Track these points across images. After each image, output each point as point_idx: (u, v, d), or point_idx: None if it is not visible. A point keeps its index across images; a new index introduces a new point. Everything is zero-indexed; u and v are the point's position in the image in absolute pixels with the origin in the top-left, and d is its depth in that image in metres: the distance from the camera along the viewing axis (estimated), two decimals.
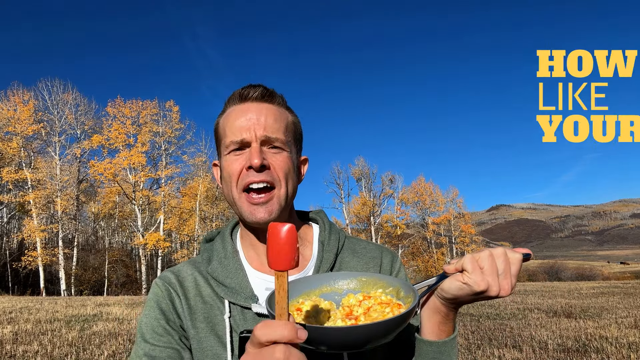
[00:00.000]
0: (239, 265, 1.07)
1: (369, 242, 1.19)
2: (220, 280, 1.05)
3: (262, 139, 1.01)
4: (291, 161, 1.04)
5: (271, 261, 0.68)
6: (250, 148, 1.01)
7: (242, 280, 1.04)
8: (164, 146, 35.94)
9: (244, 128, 1.01)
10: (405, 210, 47.82)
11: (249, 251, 1.10)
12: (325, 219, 1.18)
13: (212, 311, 1.04)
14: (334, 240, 1.12)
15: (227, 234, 1.14)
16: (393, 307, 0.84)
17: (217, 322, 1.03)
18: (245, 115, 1.02)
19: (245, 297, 1.02)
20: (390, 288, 0.90)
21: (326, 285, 0.94)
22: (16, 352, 7.04)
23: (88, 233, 48.43)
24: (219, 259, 1.09)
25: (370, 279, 0.93)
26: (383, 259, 1.14)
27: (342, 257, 1.12)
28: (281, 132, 1.03)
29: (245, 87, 1.06)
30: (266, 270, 1.07)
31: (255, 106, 1.04)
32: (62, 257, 32.09)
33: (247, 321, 1.01)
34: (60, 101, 34.08)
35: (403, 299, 0.87)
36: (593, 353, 6.58)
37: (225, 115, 1.06)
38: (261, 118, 1.02)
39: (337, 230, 1.16)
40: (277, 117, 1.04)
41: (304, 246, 1.12)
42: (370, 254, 1.14)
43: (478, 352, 6.90)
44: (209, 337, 1.02)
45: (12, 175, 31.35)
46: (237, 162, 1.01)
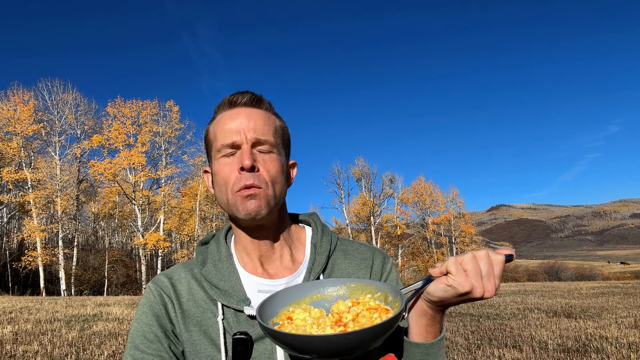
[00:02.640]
0: (232, 268, 1.09)
1: (362, 243, 1.21)
2: (214, 282, 1.07)
3: (253, 141, 1.03)
4: (280, 164, 1.06)
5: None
6: (241, 150, 1.03)
7: (236, 283, 1.06)
8: (164, 146, 35.95)
9: (234, 131, 1.04)
10: (405, 210, 47.84)
11: (242, 254, 1.12)
12: (317, 221, 1.20)
13: (205, 314, 1.06)
14: (326, 243, 1.14)
15: (222, 238, 1.16)
16: (381, 312, 0.85)
17: (211, 324, 1.04)
18: (235, 119, 1.05)
19: (238, 300, 1.04)
20: (379, 293, 0.91)
21: (316, 292, 0.95)
22: (16, 352, 7.04)
23: (88, 233, 48.45)
24: (213, 262, 1.11)
25: (358, 285, 0.94)
26: (374, 260, 1.16)
27: (334, 258, 1.14)
28: (270, 134, 1.05)
29: (234, 94, 1.09)
30: (258, 273, 1.09)
31: (245, 111, 1.07)
32: (62, 257, 32.08)
33: (241, 323, 1.03)
34: (60, 101, 34.11)
35: (391, 303, 0.87)
36: (593, 353, 6.58)
37: (216, 121, 1.09)
38: (251, 122, 1.04)
39: (329, 232, 1.17)
40: (266, 120, 1.07)
41: (296, 249, 1.15)
42: (362, 255, 1.16)
43: (478, 352, 6.90)
44: (203, 340, 1.04)
45: (12, 175, 31.35)
46: (229, 165, 1.04)
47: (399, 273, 1.42)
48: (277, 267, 1.10)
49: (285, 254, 1.12)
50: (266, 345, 1.02)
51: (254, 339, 1.02)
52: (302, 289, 0.95)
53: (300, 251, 1.15)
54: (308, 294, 0.94)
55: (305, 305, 0.92)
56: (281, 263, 1.11)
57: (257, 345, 1.02)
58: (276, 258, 1.11)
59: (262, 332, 0.84)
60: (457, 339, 8.04)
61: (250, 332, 1.01)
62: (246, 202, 1.01)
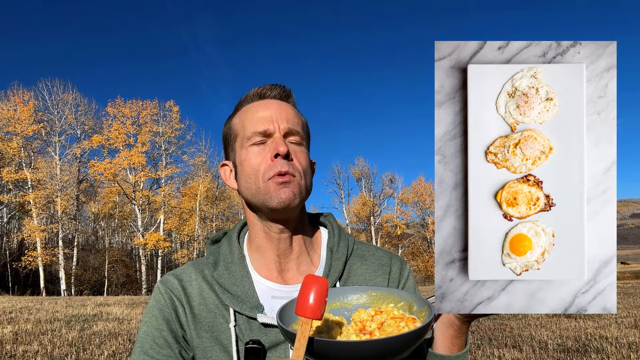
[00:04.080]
0: (245, 272, 1.04)
1: (378, 247, 1.16)
2: (226, 287, 1.02)
3: (285, 131, 1.00)
4: (308, 158, 1.05)
5: (299, 307, 0.72)
6: (273, 138, 0.99)
7: (249, 288, 1.02)
8: (164, 146, 35.97)
9: (267, 119, 1.00)
10: (405, 210, 47.89)
11: (255, 255, 1.07)
12: (334, 224, 1.15)
13: (217, 320, 1.01)
14: (342, 247, 1.09)
15: (235, 237, 1.11)
16: (407, 321, 0.82)
17: (222, 330, 1.00)
18: (266, 108, 1.02)
19: (251, 306, 0.99)
20: (402, 302, 0.88)
21: (336, 300, 0.92)
22: (16, 352, 7.04)
23: (88, 233, 48.43)
24: (225, 264, 1.06)
25: (380, 294, 0.91)
26: (392, 266, 1.12)
27: (351, 264, 1.09)
28: (300, 127, 1.04)
29: (262, 87, 1.07)
30: (272, 278, 1.05)
31: (275, 102, 1.04)
32: (62, 257, 32.09)
33: (254, 331, 0.99)
34: (60, 101, 34.12)
35: (416, 312, 0.85)
36: (593, 353, 6.58)
37: (243, 112, 1.05)
38: (282, 112, 1.02)
39: (346, 237, 1.13)
40: (296, 114, 1.06)
41: (312, 251, 1.10)
42: (379, 261, 1.11)
43: (478, 352, 6.91)
44: (214, 346, 1.00)
45: (12, 175, 31.35)
46: (259, 154, 0.99)
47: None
48: (293, 272, 1.05)
49: (302, 257, 1.07)
50: (279, 353, 0.98)
51: (267, 347, 0.98)
52: None
53: (316, 254, 1.10)
54: (327, 301, 0.91)
55: (325, 313, 0.88)
56: (297, 267, 1.06)
57: (270, 353, 0.98)
58: (293, 259, 1.06)
59: (284, 337, 0.80)
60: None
61: (262, 340, 0.97)
62: (280, 190, 0.96)
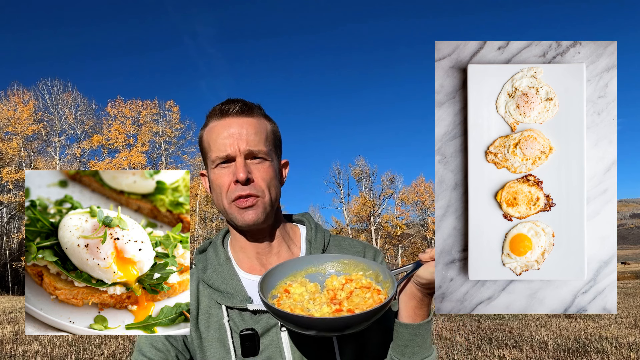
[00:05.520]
0: (232, 271, 1.14)
1: (354, 239, 1.27)
2: (216, 286, 1.12)
3: (246, 153, 1.07)
4: (273, 170, 1.11)
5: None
6: (235, 162, 1.07)
7: (237, 284, 1.12)
8: (164, 146, 35.97)
9: (227, 144, 1.07)
10: (405, 210, 47.83)
11: (239, 255, 1.17)
12: (311, 220, 1.25)
13: (212, 318, 1.11)
14: (320, 239, 1.20)
15: (219, 243, 1.21)
16: (373, 292, 0.93)
17: (218, 327, 1.10)
18: (227, 130, 1.08)
19: (241, 299, 1.09)
20: (370, 271, 0.99)
21: (311, 266, 1.03)
22: (16, 352, 7.04)
23: None
24: (213, 267, 1.16)
25: (351, 262, 1.03)
26: (366, 253, 1.22)
27: (328, 252, 1.20)
28: (262, 143, 1.09)
29: (225, 103, 1.12)
30: (257, 271, 1.15)
31: (236, 121, 1.09)
32: None
33: (246, 321, 1.09)
34: (60, 101, 34.10)
35: (382, 282, 0.96)
36: (593, 353, 6.58)
37: (208, 130, 1.12)
38: (243, 132, 1.08)
39: (322, 230, 1.23)
40: (258, 129, 1.10)
41: (292, 245, 1.20)
42: (354, 249, 1.23)
43: (478, 352, 6.91)
44: (213, 343, 1.10)
45: (12, 175, 31.35)
46: (224, 175, 1.08)
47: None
48: (275, 262, 1.14)
49: (282, 250, 1.17)
50: (272, 337, 1.08)
51: (260, 333, 1.08)
52: (298, 263, 1.04)
53: (296, 247, 1.20)
54: (304, 267, 1.03)
55: (301, 278, 1.00)
56: (278, 258, 1.15)
57: (264, 338, 1.08)
58: (274, 254, 1.16)
59: (266, 309, 0.93)
60: (457, 339, 8.05)
61: (255, 327, 1.07)
62: (244, 213, 1.07)
